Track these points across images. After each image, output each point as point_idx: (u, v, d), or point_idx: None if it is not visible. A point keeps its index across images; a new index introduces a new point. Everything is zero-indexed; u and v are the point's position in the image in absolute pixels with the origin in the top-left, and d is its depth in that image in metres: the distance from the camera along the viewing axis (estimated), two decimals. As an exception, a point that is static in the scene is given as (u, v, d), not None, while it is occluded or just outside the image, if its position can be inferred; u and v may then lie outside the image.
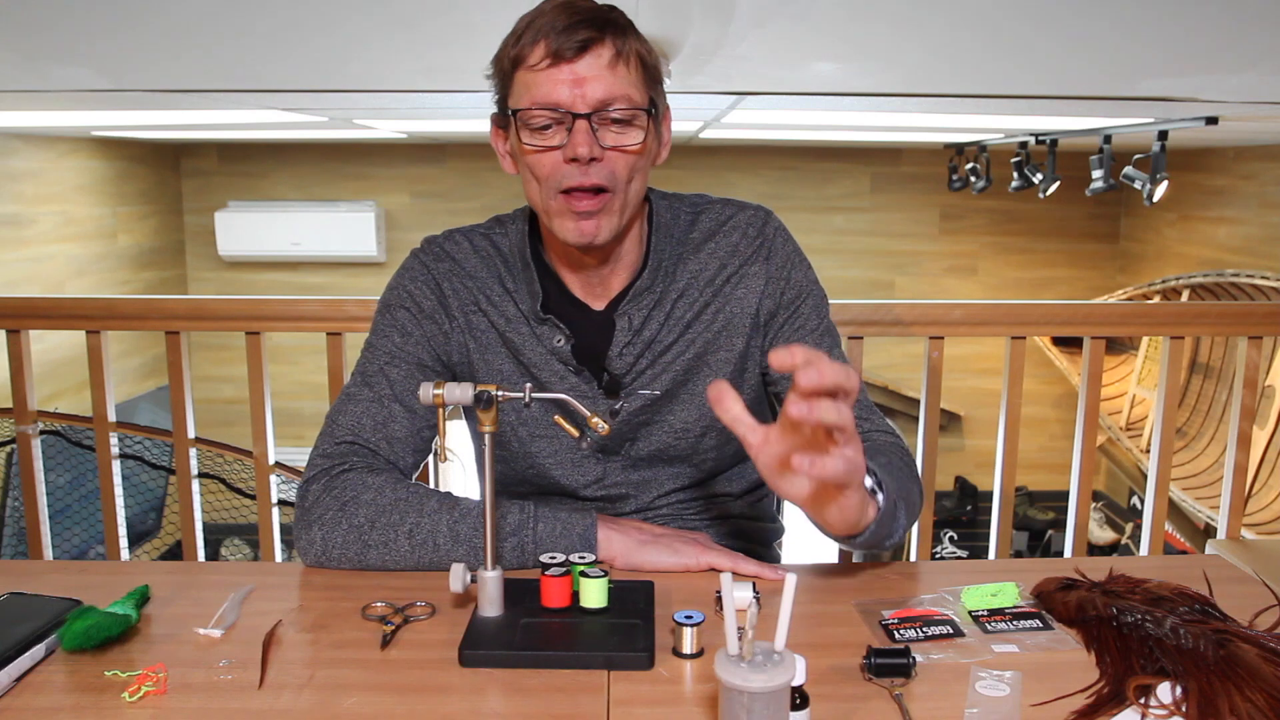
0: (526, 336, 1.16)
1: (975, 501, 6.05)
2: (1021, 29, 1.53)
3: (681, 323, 1.16)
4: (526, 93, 1.03)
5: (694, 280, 1.17)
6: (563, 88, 1.01)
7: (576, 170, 1.03)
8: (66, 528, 3.30)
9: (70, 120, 3.65)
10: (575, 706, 0.81)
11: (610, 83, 1.01)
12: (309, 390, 5.78)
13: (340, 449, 1.12)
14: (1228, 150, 4.79)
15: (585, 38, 1.00)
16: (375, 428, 1.13)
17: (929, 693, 0.83)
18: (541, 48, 1.01)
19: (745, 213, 1.20)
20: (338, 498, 1.07)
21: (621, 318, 1.15)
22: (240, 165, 6.10)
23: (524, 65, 1.03)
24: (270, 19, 1.54)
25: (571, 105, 1.01)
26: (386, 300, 1.20)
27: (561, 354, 1.15)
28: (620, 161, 1.05)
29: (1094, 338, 1.89)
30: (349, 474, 1.09)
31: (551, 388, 1.16)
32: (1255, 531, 3.52)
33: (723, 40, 1.63)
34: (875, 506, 0.96)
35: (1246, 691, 0.79)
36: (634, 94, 1.03)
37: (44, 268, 4.83)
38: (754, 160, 6.02)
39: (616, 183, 1.05)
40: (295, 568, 1.10)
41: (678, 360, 1.17)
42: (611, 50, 1.02)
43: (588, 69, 1.01)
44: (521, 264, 1.17)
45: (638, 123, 1.05)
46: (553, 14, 1.01)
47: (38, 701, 0.82)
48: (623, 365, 1.16)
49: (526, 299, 1.16)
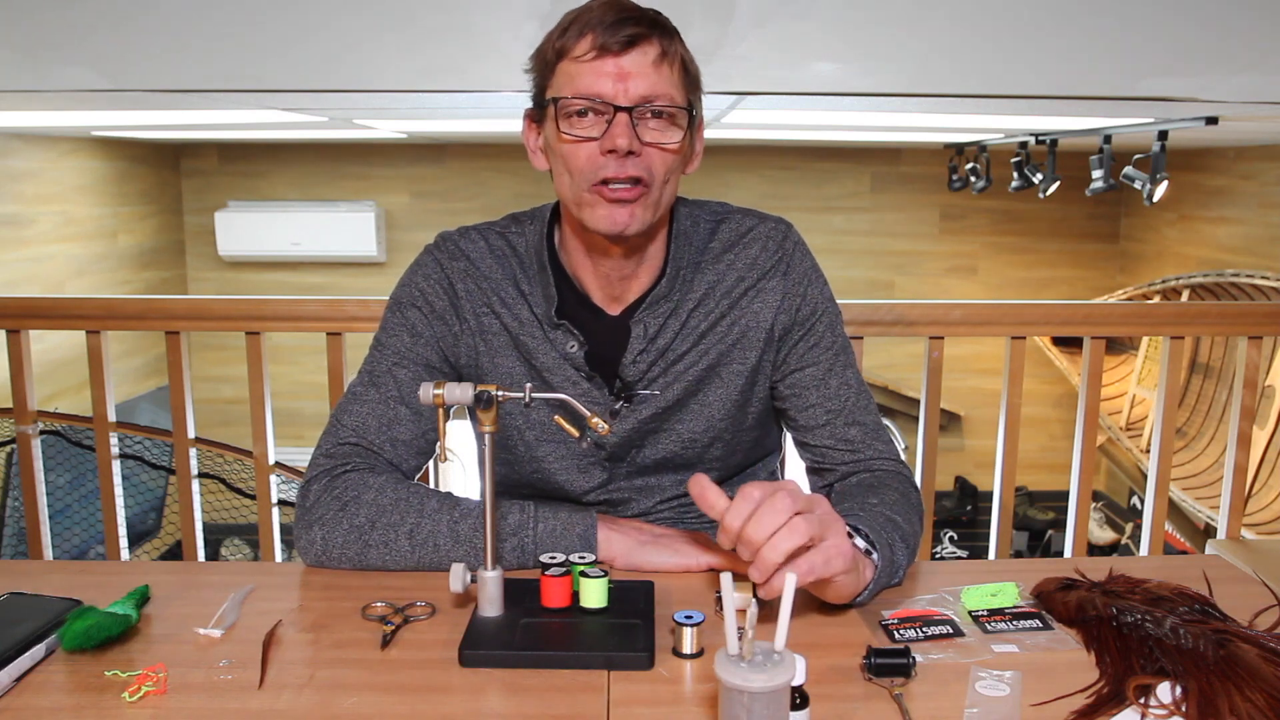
0: (539, 341, 1.15)
1: (975, 501, 6.05)
2: (1021, 29, 1.53)
3: (696, 332, 1.16)
4: (569, 82, 1.03)
5: (711, 290, 1.16)
6: (606, 80, 1.01)
7: (613, 162, 1.03)
8: (66, 528, 3.30)
9: (70, 120, 3.65)
10: (575, 706, 0.81)
11: (654, 80, 1.02)
12: (309, 390, 5.78)
13: (343, 449, 1.12)
14: (1228, 150, 4.79)
15: (633, 33, 1.01)
16: (380, 429, 1.13)
17: (929, 693, 0.83)
18: (588, 40, 1.01)
19: (766, 225, 1.20)
20: (338, 497, 1.07)
21: (637, 325, 1.14)
22: (240, 165, 6.10)
23: (568, 56, 1.03)
24: (270, 19, 1.54)
25: (613, 98, 1.01)
26: (398, 297, 1.19)
27: (575, 360, 1.15)
28: (657, 158, 1.05)
29: (1094, 338, 1.89)
30: (350, 474, 1.09)
31: (563, 393, 1.15)
32: (1255, 531, 3.52)
33: (723, 40, 1.64)
34: (871, 566, 0.96)
35: (1246, 691, 0.79)
36: (675, 94, 1.04)
37: (44, 268, 4.84)
38: (754, 160, 6.02)
39: (653, 178, 1.05)
40: (295, 568, 1.10)
41: (690, 370, 1.16)
42: (657, 49, 1.02)
43: (632, 64, 1.01)
44: (538, 266, 1.16)
45: (677, 122, 1.05)
46: (601, 10, 1.02)
47: (38, 701, 0.82)
48: (635, 372, 1.15)
49: (541, 302, 1.15)
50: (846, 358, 1.21)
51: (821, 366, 1.19)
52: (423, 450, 1.16)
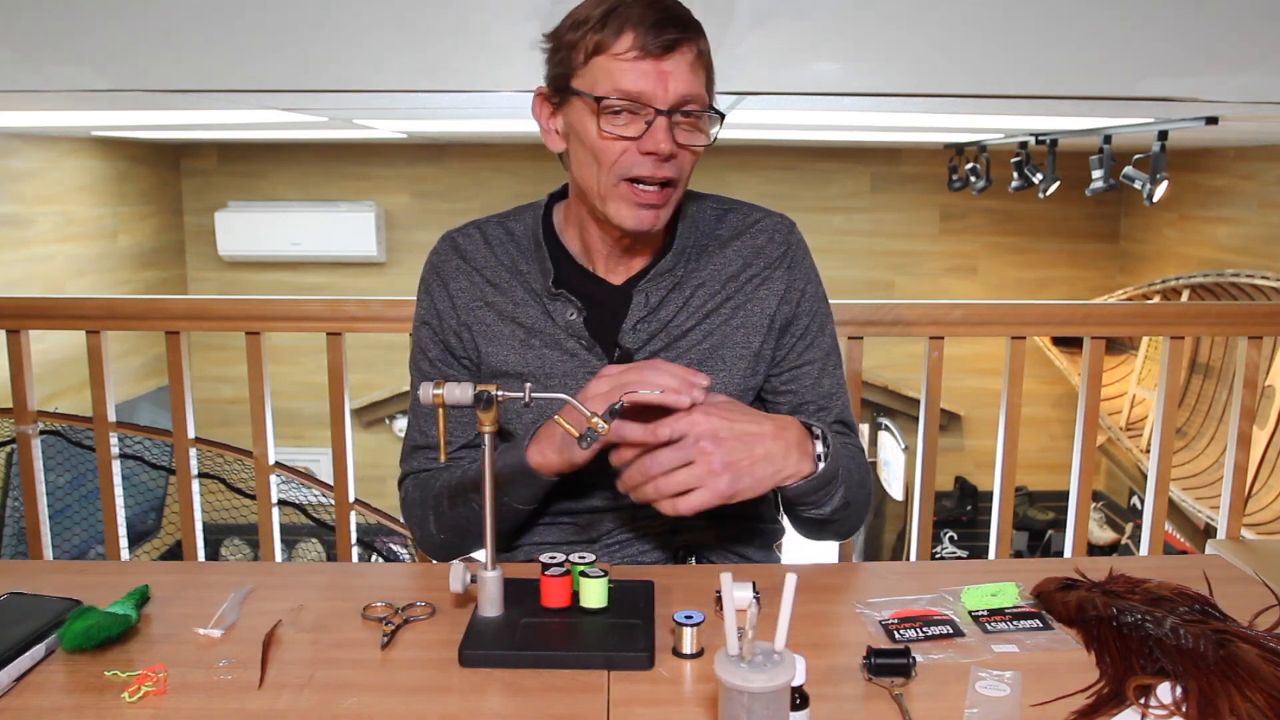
0: (538, 316, 1.18)
1: (975, 501, 6.05)
2: (1021, 29, 1.54)
3: (701, 311, 1.18)
4: (609, 79, 1.04)
5: (717, 274, 1.20)
6: (648, 81, 1.03)
7: (650, 162, 1.06)
8: (66, 528, 3.29)
9: (70, 120, 3.65)
10: (575, 706, 0.81)
11: (690, 82, 1.05)
12: (309, 390, 5.77)
13: (415, 452, 1.26)
14: (1228, 150, 4.79)
15: (674, 37, 1.03)
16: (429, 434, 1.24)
17: (929, 693, 0.83)
18: (629, 38, 1.03)
19: (772, 218, 1.24)
20: (420, 500, 1.22)
21: (639, 294, 1.17)
22: (240, 165, 6.10)
23: (607, 51, 1.04)
24: (270, 19, 1.54)
25: (654, 100, 1.03)
26: (416, 311, 1.26)
27: (574, 328, 1.16)
28: (688, 159, 1.09)
29: (1094, 338, 1.89)
30: (424, 474, 1.23)
31: (562, 364, 1.16)
32: (1255, 531, 3.52)
33: (723, 40, 1.64)
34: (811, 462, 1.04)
35: (1246, 691, 0.79)
36: (706, 96, 1.08)
37: (44, 268, 4.84)
38: (754, 160, 6.02)
39: (682, 177, 1.10)
40: (295, 568, 1.10)
41: (694, 349, 1.18)
42: (694, 51, 1.05)
43: (673, 67, 1.03)
44: (534, 243, 1.19)
45: (707, 124, 1.09)
46: (639, 6, 1.03)
47: (38, 701, 0.82)
48: (636, 341, 1.17)
49: (539, 277, 1.18)
50: (837, 357, 1.27)
51: (817, 366, 1.23)
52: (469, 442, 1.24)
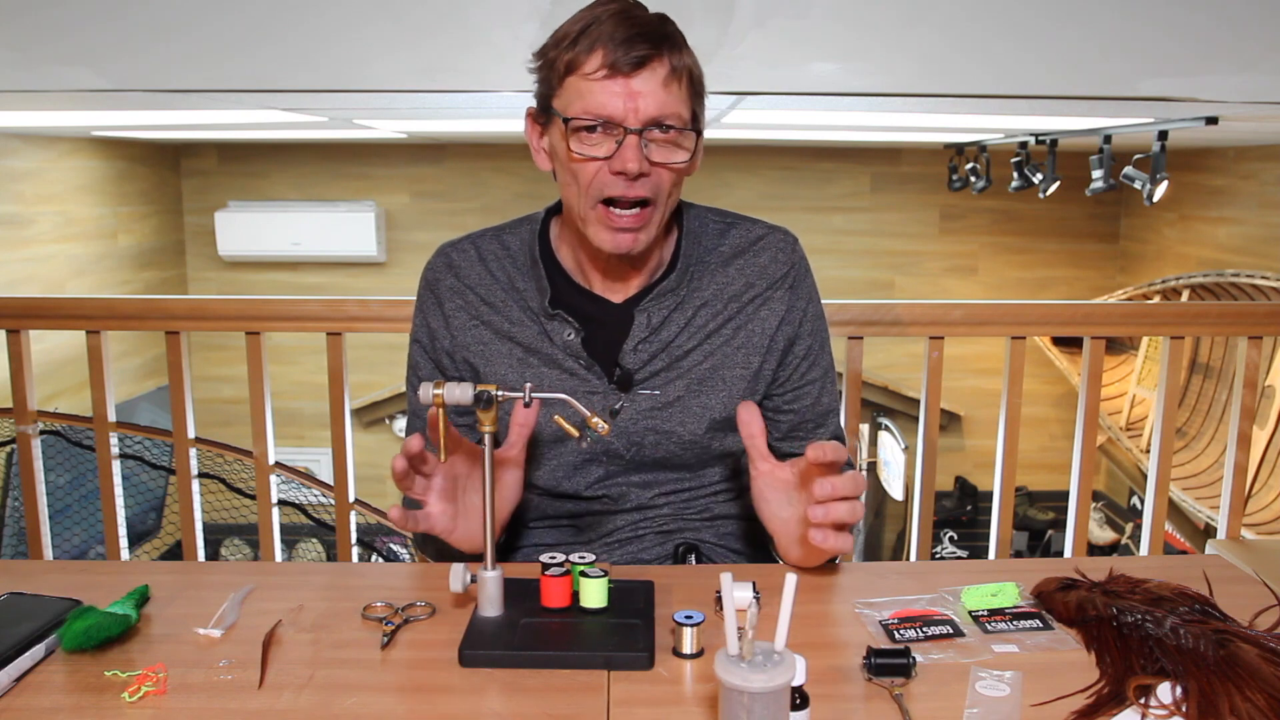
0: (535, 335, 1.16)
1: (975, 501, 6.05)
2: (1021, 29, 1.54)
3: (703, 331, 1.17)
4: (579, 100, 1.02)
5: (720, 293, 1.18)
6: (616, 100, 1.01)
7: (622, 182, 1.03)
8: (66, 528, 3.30)
9: (70, 120, 3.65)
10: (575, 706, 0.81)
11: (663, 100, 1.02)
12: (309, 390, 5.78)
13: None
14: (1228, 150, 4.79)
15: (643, 54, 1.00)
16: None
17: (929, 693, 0.83)
18: (598, 56, 1.00)
19: (775, 235, 1.22)
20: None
21: (641, 313, 1.15)
22: (240, 165, 6.10)
23: (578, 71, 1.02)
24: (270, 19, 1.55)
25: (624, 119, 1.01)
26: (412, 323, 1.24)
27: (572, 348, 1.15)
28: (665, 176, 1.06)
29: (1094, 338, 1.89)
30: None
31: (561, 384, 1.16)
32: (1255, 531, 3.52)
33: (723, 40, 1.64)
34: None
35: (1246, 691, 0.79)
36: (683, 111, 1.04)
37: (44, 268, 4.84)
38: (754, 160, 6.02)
39: (659, 196, 1.07)
40: (295, 567, 1.10)
41: (695, 369, 1.17)
42: (667, 68, 1.02)
43: (643, 85, 1.01)
44: (529, 261, 1.18)
45: (684, 141, 1.06)
46: (611, 23, 1.01)
47: (38, 701, 0.82)
48: (636, 361, 1.16)
49: (535, 295, 1.17)
50: (834, 372, 1.28)
51: (818, 385, 1.24)
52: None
